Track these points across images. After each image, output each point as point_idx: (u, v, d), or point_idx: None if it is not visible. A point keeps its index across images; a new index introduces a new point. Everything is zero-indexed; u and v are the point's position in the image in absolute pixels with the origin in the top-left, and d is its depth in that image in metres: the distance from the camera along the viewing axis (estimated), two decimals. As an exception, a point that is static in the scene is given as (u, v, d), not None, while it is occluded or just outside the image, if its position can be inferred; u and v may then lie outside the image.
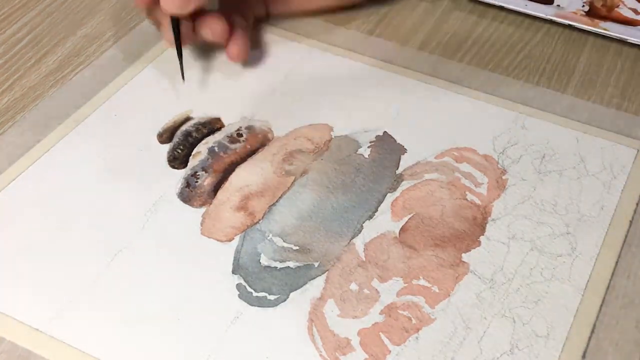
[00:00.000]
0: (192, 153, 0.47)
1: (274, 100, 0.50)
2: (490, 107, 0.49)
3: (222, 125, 0.49)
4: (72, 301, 0.40)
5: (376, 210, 0.44)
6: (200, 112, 0.50)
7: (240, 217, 0.43)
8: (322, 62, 0.53)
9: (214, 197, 0.45)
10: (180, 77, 0.51)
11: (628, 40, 0.53)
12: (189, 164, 0.47)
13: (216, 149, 0.47)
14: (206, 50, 0.54)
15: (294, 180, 0.45)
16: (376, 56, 0.53)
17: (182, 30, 0.49)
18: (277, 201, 0.44)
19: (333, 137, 0.48)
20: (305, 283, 0.40)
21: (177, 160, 0.47)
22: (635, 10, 0.55)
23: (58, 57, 0.54)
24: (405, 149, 0.47)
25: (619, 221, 0.42)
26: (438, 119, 0.49)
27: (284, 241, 0.42)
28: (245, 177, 0.46)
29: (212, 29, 0.49)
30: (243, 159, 0.47)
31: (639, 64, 0.53)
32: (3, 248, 0.42)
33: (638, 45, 0.53)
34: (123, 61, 0.53)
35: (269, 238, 0.42)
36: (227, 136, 0.48)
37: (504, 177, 0.45)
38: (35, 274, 0.41)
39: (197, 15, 0.49)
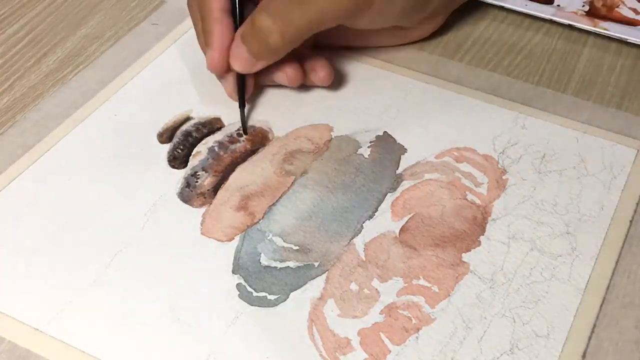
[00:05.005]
0: (192, 153, 0.47)
1: (274, 100, 0.50)
2: (490, 107, 0.49)
3: (222, 125, 0.49)
4: (72, 301, 0.40)
5: (376, 210, 0.44)
6: (200, 112, 0.50)
7: (240, 217, 0.43)
8: (322, 62, 0.53)
9: (214, 197, 0.45)
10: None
11: (628, 40, 0.53)
12: (189, 164, 0.47)
13: (216, 148, 0.47)
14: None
15: (294, 180, 0.45)
16: (376, 56, 0.53)
17: (248, 82, 0.48)
18: (277, 201, 0.44)
19: (333, 137, 0.48)
20: (305, 283, 0.40)
21: (177, 160, 0.47)
22: (635, 10, 0.55)
23: (58, 57, 0.54)
24: (405, 149, 0.47)
25: (619, 221, 0.42)
26: (438, 119, 0.49)
27: (284, 241, 0.42)
28: (245, 177, 0.46)
29: (288, 74, 0.48)
30: (243, 159, 0.47)
31: (639, 64, 0.53)
32: (3, 248, 0.42)
33: (638, 45, 0.53)
34: (123, 61, 0.53)
35: (269, 238, 0.42)
36: (227, 136, 0.48)
37: (504, 177, 0.45)
38: (35, 274, 0.41)
39: None
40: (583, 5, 0.56)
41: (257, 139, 0.48)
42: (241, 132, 0.48)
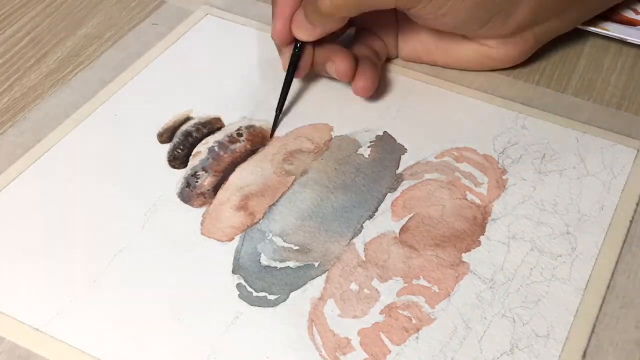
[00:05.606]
0: (192, 153, 0.47)
1: (274, 100, 0.50)
2: (490, 107, 0.49)
3: (222, 125, 0.49)
4: (72, 301, 0.40)
5: (376, 210, 0.44)
6: (200, 112, 0.50)
7: (240, 217, 0.43)
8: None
9: (214, 197, 0.45)
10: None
11: (628, 40, 0.53)
12: (189, 163, 0.47)
13: (216, 148, 0.47)
14: (204, 51, 0.54)
15: (294, 180, 0.45)
16: (376, 56, 0.53)
17: (303, 59, 0.48)
18: (277, 201, 0.44)
19: (333, 136, 0.48)
20: (305, 283, 0.40)
21: (177, 160, 0.47)
22: (635, 10, 0.55)
23: (58, 57, 0.54)
24: (405, 149, 0.47)
25: (619, 221, 0.42)
26: (438, 119, 0.49)
27: (284, 241, 0.42)
28: (245, 177, 0.46)
29: (338, 66, 0.48)
30: (243, 159, 0.47)
31: (639, 64, 0.53)
32: (3, 248, 0.42)
33: (638, 45, 0.53)
34: (123, 61, 0.53)
35: (269, 238, 0.42)
36: (227, 136, 0.48)
37: (504, 177, 0.45)
38: (35, 274, 0.41)
39: (326, 46, 0.48)
40: (583, 5, 0.55)
41: (257, 139, 0.48)
42: (241, 131, 0.48)
